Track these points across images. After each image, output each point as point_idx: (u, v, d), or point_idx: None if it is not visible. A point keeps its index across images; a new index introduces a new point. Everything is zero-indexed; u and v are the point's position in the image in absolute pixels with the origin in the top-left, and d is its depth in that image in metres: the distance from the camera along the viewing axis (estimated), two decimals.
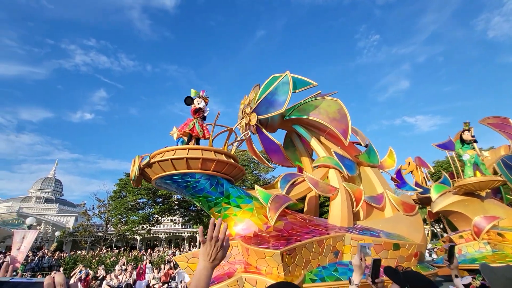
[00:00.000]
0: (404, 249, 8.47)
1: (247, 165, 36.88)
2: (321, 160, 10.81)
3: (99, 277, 16.30)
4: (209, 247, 1.47)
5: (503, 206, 12.37)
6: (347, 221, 9.17)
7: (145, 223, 39.45)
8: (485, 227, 10.76)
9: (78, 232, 43.80)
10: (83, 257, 23.07)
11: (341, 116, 10.71)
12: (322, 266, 7.86)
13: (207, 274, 1.44)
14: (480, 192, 11.47)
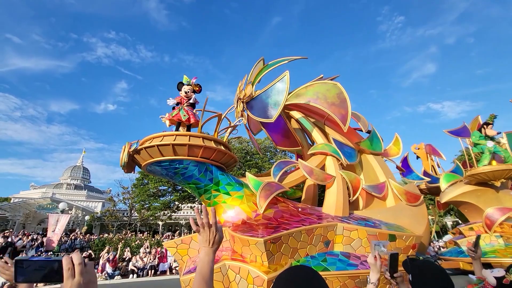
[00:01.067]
0: (400, 241, 7.73)
1: (264, 153, 36.48)
2: (318, 147, 10.11)
3: (125, 258, 16.96)
4: (205, 233, 1.47)
5: None
6: (342, 210, 8.52)
7: (166, 209, 40.67)
8: (498, 219, 9.64)
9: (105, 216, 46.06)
10: (110, 239, 24.10)
11: (340, 101, 9.89)
12: (310, 255, 7.36)
13: (210, 259, 1.44)
14: (495, 182, 10.26)
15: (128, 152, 7.93)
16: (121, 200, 46.40)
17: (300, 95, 10.75)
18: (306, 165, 9.10)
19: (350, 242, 7.69)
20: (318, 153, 10.05)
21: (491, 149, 10.58)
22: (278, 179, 8.92)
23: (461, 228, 11.39)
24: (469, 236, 10.56)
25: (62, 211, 31.98)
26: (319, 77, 11.59)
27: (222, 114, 8.88)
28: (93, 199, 49.64)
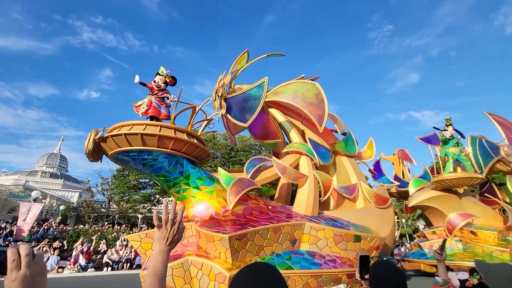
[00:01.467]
0: (365, 242, 7.76)
1: (249, 150, 36.22)
2: (294, 146, 10.01)
3: (100, 251, 16.25)
4: (165, 230, 1.36)
5: (481, 204, 11.48)
6: (312, 209, 8.46)
7: (146, 202, 39.50)
8: (458, 224, 9.95)
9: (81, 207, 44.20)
10: (85, 231, 23.10)
11: (318, 101, 9.82)
12: (276, 253, 7.23)
13: (164, 258, 1.34)
14: (458, 189, 10.58)
15: (94, 140, 7.47)
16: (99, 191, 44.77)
17: (279, 93, 10.61)
18: (279, 163, 8.96)
19: (317, 241, 7.63)
20: (293, 152, 9.95)
21: (454, 156, 10.90)
22: (250, 175, 8.73)
23: (424, 231, 11.71)
24: (432, 239, 10.87)
25: (35, 199, 30.28)
26: (300, 77, 11.51)
27: (197, 106, 8.56)
28: (70, 188, 47.42)
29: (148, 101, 8.27)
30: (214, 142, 26.77)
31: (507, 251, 8.89)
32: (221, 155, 30.74)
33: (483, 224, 10.23)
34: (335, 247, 7.61)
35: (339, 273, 7.05)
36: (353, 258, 7.66)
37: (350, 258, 7.63)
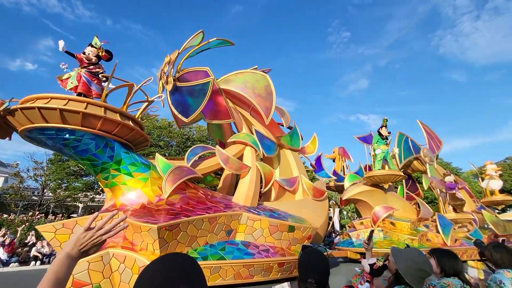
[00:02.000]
0: (298, 232, 7.94)
1: (206, 141, 34.95)
2: (240, 136, 9.76)
3: (28, 243, 13.83)
4: (90, 236, 1.09)
5: (401, 199, 12.87)
6: (251, 200, 8.34)
7: (88, 190, 35.51)
8: (381, 215, 10.92)
9: (7, 194, 37.90)
10: (10, 221, 19.68)
11: (267, 94, 9.69)
12: (210, 244, 6.92)
13: (70, 264, 1.07)
14: (384, 184, 11.60)
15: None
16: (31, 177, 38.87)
17: (229, 81, 10.20)
18: (222, 153, 8.61)
19: (252, 231, 7.54)
20: (238, 142, 9.69)
21: (381, 155, 11.92)
22: (191, 164, 8.21)
23: (354, 222, 12.70)
24: (359, 229, 11.83)
25: None
26: (253, 68, 11.20)
27: (136, 85, 7.63)
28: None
29: (77, 74, 7.10)
30: (169, 130, 25.03)
31: (416, 239, 10.09)
32: (177, 144, 29.13)
33: (401, 216, 11.45)
34: (270, 237, 7.62)
35: (270, 262, 7.07)
36: (285, 248, 7.77)
37: (283, 248, 7.73)
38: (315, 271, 1.65)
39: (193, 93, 8.72)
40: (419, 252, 1.91)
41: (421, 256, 1.87)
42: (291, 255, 7.57)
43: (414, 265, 1.81)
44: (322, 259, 1.72)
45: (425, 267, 1.80)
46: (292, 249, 7.88)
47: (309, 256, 1.76)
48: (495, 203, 17.06)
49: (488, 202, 16.75)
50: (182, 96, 8.96)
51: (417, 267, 1.80)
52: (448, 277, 2.16)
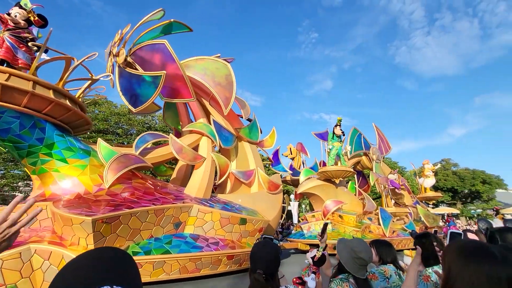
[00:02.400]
0: (250, 224, 7.94)
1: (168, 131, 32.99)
2: (197, 125, 9.34)
3: None
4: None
5: (350, 194, 13.79)
6: (204, 192, 8.07)
7: (30, 179, 31.05)
8: (331, 209, 11.56)
9: None
10: None
11: (227, 83, 9.36)
12: (155, 237, 6.52)
13: None
14: (335, 179, 12.26)
15: None
16: None
17: (188, 67, 9.61)
18: (176, 142, 8.14)
19: (203, 224, 7.32)
20: (194, 132, 9.26)
21: (335, 152, 12.58)
22: (139, 152, 7.60)
23: (306, 215, 13.30)
24: (311, 222, 12.42)
25: None
26: (216, 56, 10.73)
27: (76, 59, 6.70)
28: None
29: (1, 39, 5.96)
30: (129, 117, 22.71)
31: (360, 231, 10.93)
32: (137, 133, 27.05)
33: (349, 210, 12.28)
34: (221, 230, 7.48)
35: (219, 255, 6.95)
36: (236, 240, 7.73)
37: (234, 240, 7.67)
38: (263, 261, 1.68)
39: (142, 83, 8.00)
40: (358, 242, 2.00)
41: (359, 246, 1.95)
42: (241, 247, 7.55)
43: (353, 254, 1.91)
44: (271, 250, 1.76)
45: (362, 255, 1.89)
46: (243, 241, 7.86)
47: (259, 247, 1.80)
48: (428, 198, 19.35)
49: (422, 197, 18.93)
50: (130, 83, 8.19)
51: (355, 256, 1.89)
52: (385, 264, 2.38)
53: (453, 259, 0.98)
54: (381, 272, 2.28)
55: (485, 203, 35.49)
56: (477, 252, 0.95)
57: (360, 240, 2.05)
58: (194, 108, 9.87)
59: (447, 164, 39.13)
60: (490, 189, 35.64)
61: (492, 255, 0.92)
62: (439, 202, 37.46)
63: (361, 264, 1.90)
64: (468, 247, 0.98)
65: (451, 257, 1.00)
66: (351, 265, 1.89)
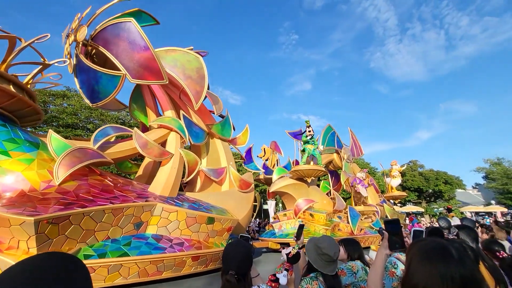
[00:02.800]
0: (218, 223, 7.67)
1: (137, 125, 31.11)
2: (165, 120, 8.86)
3: None
4: None
5: (321, 192, 14.03)
6: (170, 190, 7.66)
7: None
8: (302, 207, 11.64)
9: None
10: None
11: (198, 76, 8.98)
12: (112, 239, 6.01)
13: None
14: (307, 178, 12.37)
15: None
16: None
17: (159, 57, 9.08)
18: (141, 137, 7.63)
19: (167, 224, 6.92)
20: (163, 127, 8.78)
21: (309, 152, 12.72)
22: (98, 146, 7.01)
23: (278, 214, 13.32)
24: (282, 221, 12.45)
25: None
26: (189, 48, 10.28)
27: (24, 40, 5.96)
28: None
29: None
30: (101, 112, 20.98)
31: (329, 229, 11.12)
32: None
33: (319, 208, 12.46)
34: (186, 230, 7.13)
35: (183, 256, 6.61)
36: (203, 240, 7.43)
37: (200, 240, 7.37)
38: (235, 262, 1.67)
39: (100, 79, 7.38)
40: (323, 239, 2.03)
41: (323, 242, 1.98)
42: (208, 247, 7.27)
43: (318, 251, 1.94)
44: (243, 250, 1.75)
45: (326, 251, 1.91)
46: (210, 241, 7.58)
47: (231, 248, 1.78)
48: (394, 197, 20.39)
49: (389, 196, 19.90)
50: (88, 76, 7.54)
51: (320, 252, 1.92)
52: (353, 260, 2.50)
53: (414, 256, 1.03)
54: (349, 268, 2.36)
55: (446, 202, 38.31)
56: (434, 252, 0.99)
57: (325, 237, 2.07)
58: (162, 102, 9.36)
59: (414, 165, 41.75)
60: (451, 189, 38.58)
61: (449, 255, 0.95)
62: (407, 201, 39.96)
63: (326, 260, 1.91)
64: (427, 247, 1.02)
65: (412, 253, 1.05)
66: (318, 262, 1.92)
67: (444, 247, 0.99)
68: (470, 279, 0.91)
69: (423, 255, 1.00)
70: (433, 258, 0.97)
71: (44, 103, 19.81)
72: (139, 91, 10.23)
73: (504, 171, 35.99)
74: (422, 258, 0.99)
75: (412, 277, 0.99)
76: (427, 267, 0.96)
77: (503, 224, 5.70)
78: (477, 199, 44.45)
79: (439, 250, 0.99)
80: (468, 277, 0.91)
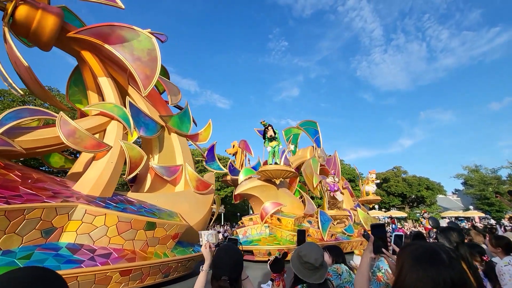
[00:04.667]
0: (161, 229, 6.45)
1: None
2: (106, 106, 7.52)
3: None
4: None
5: (291, 195, 13.15)
6: (103, 189, 6.34)
7: None
8: (269, 211, 10.66)
9: None
10: None
11: (150, 59, 7.80)
12: (4, 250, 4.60)
13: None
14: (276, 180, 11.44)
15: None
16: None
17: (102, 34, 7.78)
18: (67, 122, 6.26)
19: (90, 230, 5.59)
20: (103, 114, 7.44)
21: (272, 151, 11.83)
22: (4, 131, 5.57)
23: (244, 218, 12.25)
24: (248, 226, 11.38)
25: None
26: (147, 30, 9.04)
27: None
28: None
29: None
30: None
31: (296, 235, 10.17)
32: None
33: (289, 212, 11.56)
34: (118, 237, 5.84)
35: (108, 271, 5.30)
36: (140, 250, 6.16)
37: (136, 250, 6.09)
38: (227, 267, 1.64)
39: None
40: (304, 247, 1.95)
41: (304, 250, 1.90)
42: (145, 259, 6.00)
43: (300, 259, 1.88)
44: (234, 254, 1.73)
45: (307, 259, 1.83)
46: (149, 251, 6.31)
47: (222, 252, 1.73)
48: (369, 201, 20.12)
49: (363, 201, 19.58)
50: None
51: (302, 261, 1.86)
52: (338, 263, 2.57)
53: (405, 260, 1.05)
54: (334, 270, 2.39)
55: (428, 207, 39.36)
56: (426, 256, 1.01)
57: (306, 244, 2.00)
58: (105, 86, 8.02)
59: (398, 171, 42.85)
60: (433, 194, 39.89)
61: (440, 260, 0.98)
62: (391, 206, 40.70)
63: (309, 268, 1.85)
64: (418, 251, 1.04)
65: (404, 257, 1.07)
66: (302, 271, 1.86)
67: (434, 251, 1.01)
68: (461, 282, 0.94)
69: (415, 260, 1.02)
70: (424, 263, 0.99)
71: None
72: (79, 73, 8.79)
73: (481, 178, 37.72)
74: (414, 263, 1.01)
75: (404, 281, 1.01)
76: (419, 272, 0.98)
77: (480, 229, 5.27)
78: (457, 204, 46.32)
79: (430, 254, 1.01)
80: (459, 279, 0.94)
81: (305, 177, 12.96)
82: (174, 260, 6.66)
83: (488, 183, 37.03)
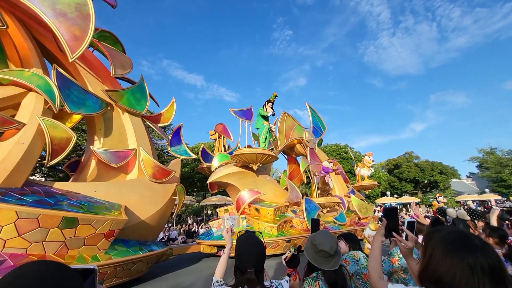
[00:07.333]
0: (86, 227, 5.02)
1: None
2: (24, 75, 5.95)
3: None
4: None
5: (273, 182, 11.73)
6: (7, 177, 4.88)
7: None
8: (246, 201, 9.27)
9: None
10: None
11: (79, 15, 6.20)
12: None
13: None
14: (253, 165, 9.97)
15: None
16: None
17: None
18: None
19: None
20: (17, 84, 5.88)
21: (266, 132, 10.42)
22: None
23: (218, 210, 10.89)
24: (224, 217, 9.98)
25: None
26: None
27: None
28: None
29: None
30: None
31: (275, 227, 8.84)
32: None
33: (271, 201, 10.18)
34: (18, 239, 4.39)
35: None
36: (54, 254, 4.72)
37: (49, 255, 4.65)
38: (253, 257, 1.57)
39: None
40: (318, 235, 1.92)
41: (319, 238, 1.87)
42: None
43: (315, 248, 1.85)
44: (257, 244, 1.64)
45: (322, 247, 1.81)
46: (70, 254, 4.89)
47: (246, 243, 1.64)
48: (364, 187, 18.76)
49: (358, 186, 18.21)
50: None
51: (317, 250, 1.83)
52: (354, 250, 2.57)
53: (435, 247, 0.98)
54: (351, 257, 2.41)
55: (442, 192, 38.36)
56: (460, 242, 0.94)
57: (320, 232, 1.97)
58: (25, 53, 6.42)
59: (410, 156, 41.80)
60: (446, 179, 38.84)
61: (474, 245, 0.91)
62: (403, 192, 39.72)
63: (324, 256, 1.81)
64: (450, 237, 0.98)
65: (433, 244, 1.00)
66: (317, 260, 1.83)
67: (467, 237, 0.95)
68: (497, 267, 0.88)
69: (447, 246, 0.95)
70: (458, 249, 0.92)
71: None
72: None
73: (497, 160, 36.46)
74: (447, 249, 0.94)
75: (435, 269, 0.95)
76: (454, 259, 0.91)
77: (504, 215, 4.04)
78: (472, 188, 45.26)
79: (463, 240, 0.94)
80: (495, 265, 0.88)
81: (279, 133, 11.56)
82: (108, 264, 5.24)
83: (505, 165, 35.69)
